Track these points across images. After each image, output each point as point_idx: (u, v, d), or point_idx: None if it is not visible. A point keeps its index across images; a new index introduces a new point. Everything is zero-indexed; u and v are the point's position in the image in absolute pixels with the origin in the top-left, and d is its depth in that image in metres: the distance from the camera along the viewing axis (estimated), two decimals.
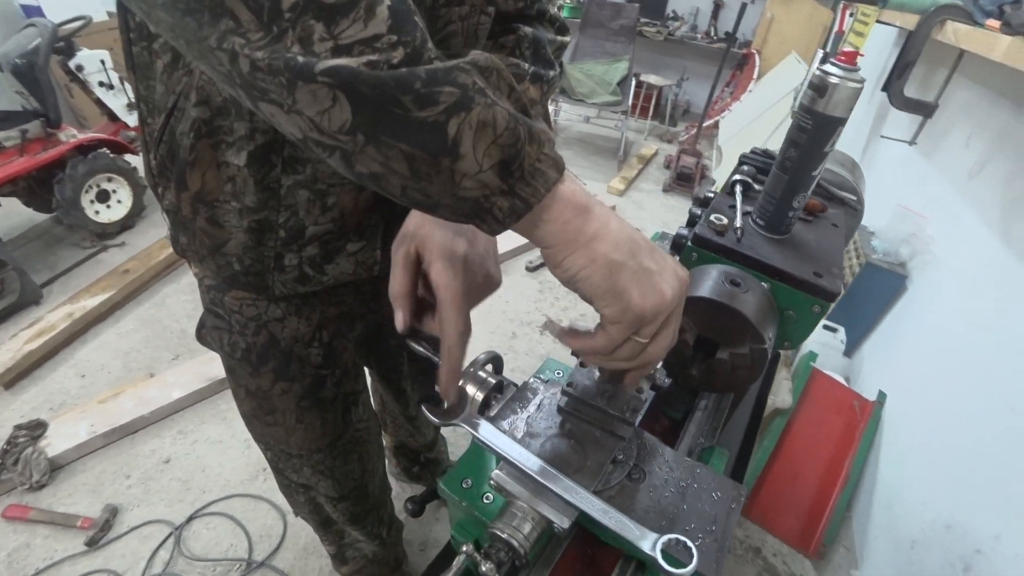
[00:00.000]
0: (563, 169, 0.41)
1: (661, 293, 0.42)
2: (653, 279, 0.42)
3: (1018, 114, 1.53)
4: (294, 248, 0.64)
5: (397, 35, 0.34)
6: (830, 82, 0.59)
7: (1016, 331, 1.32)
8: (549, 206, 0.40)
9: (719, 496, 0.53)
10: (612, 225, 0.42)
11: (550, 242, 0.41)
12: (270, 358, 0.77)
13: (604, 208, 0.43)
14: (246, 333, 0.74)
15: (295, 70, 0.33)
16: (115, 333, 2.18)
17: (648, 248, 0.43)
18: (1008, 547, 1.13)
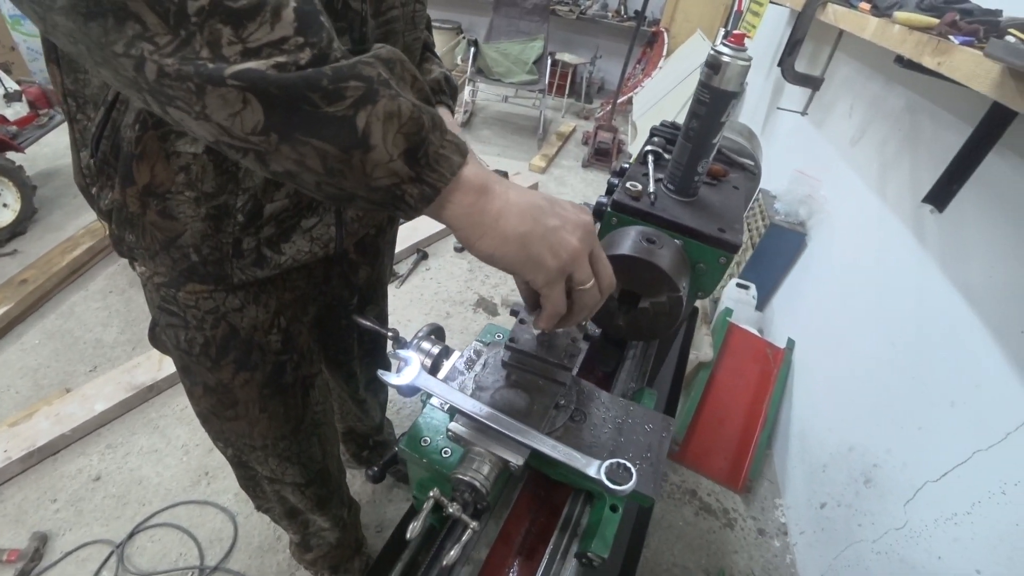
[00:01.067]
0: (466, 152, 0.44)
1: (569, 244, 0.46)
2: (559, 235, 0.46)
3: (887, 86, 1.73)
4: (251, 231, 0.64)
5: (304, 37, 0.35)
6: (723, 61, 0.67)
7: (892, 274, 1.53)
8: (455, 189, 0.43)
9: (651, 428, 0.60)
10: (513, 198, 0.45)
11: (460, 224, 0.44)
12: (231, 349, 0.76)
13: (503, 183, 0.46)
14: (204, 327, 0.74)
15: (204, 75, 0.34)
16: (18, 350, 1.99)
17: (548, 206, 0.47)
18: (897, 458, 1.32)
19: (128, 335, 2.08)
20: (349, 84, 0.36)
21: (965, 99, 1.32)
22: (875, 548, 1.32)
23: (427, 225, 2.82)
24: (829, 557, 1.47)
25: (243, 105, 0.35)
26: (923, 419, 1.27)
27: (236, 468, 1.01)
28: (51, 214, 2.68)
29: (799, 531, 1.66)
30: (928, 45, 1.11)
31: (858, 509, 1.41)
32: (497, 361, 0.58)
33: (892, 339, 1.45)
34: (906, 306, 1.43)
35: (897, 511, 1.27)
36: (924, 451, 1.24)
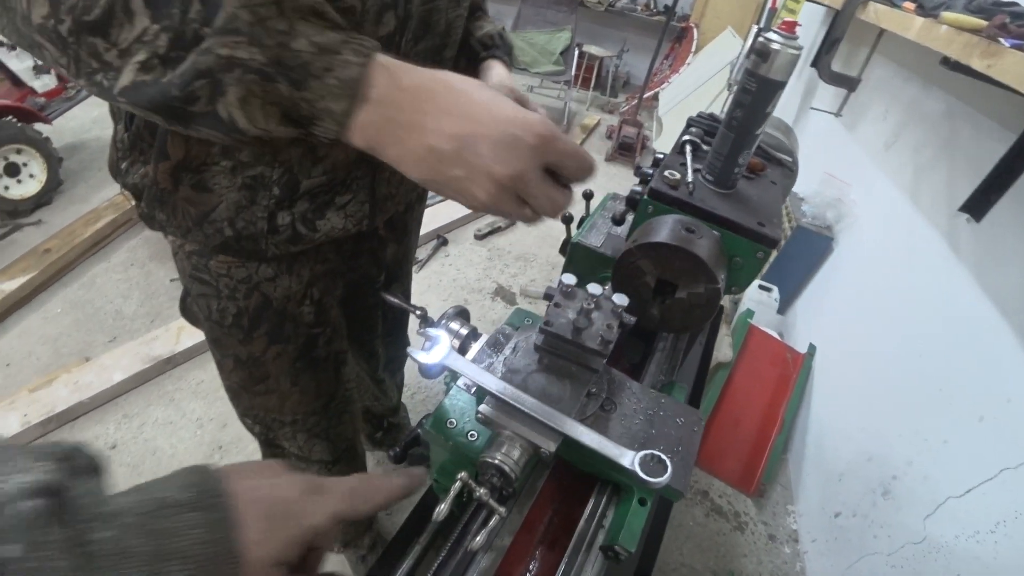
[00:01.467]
0: (355, 93, 0.39)
1: (475, 198, 0.43)
2: (463, 185, 0.43)
3: (926, 90, 1.68)
4: (286, 205, 0.63)
5: (158, 23, 0.36)
6: (772, 48, 0.65)
7: (921, 282, 1.49)
8: (349, 134, 0.41)
9: (682, 421, 0.59)
10: (410, 144, 0.41)
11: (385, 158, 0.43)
12: (263, 320, 0.75)
13: (400, 130, 0.41)
14: (236, 297, 0.73)
15: (105, 93, 0.39)
16: (40, 318, 2.02)
17: (453, 151, 0.41)
18: (919, 470, 1.29)
19: (147, 308, 2.11)
20: (194, 85, 0.37)
21: (1010, 105, 1.27)
22: (890, 561, 1.29)
23: (448, 211, 2.81)
24: (841, 567, 1.45)
25: (142, 111, 0.39)
26: (949, 432, 1.23)
27: (263, 447, 1.01)
28: (76, 186, 2.71)
29: (811, 539, 1.63)
30: (977, 47, 1.07)
31: (874, 520, 1.38)
32: (529, 345, 0.57)
33: (919, 349, 1.41)
34: (935, 316, 1.39)
35: (916, 525, 1.24)
36: (948, 465, 1.21)
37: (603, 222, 0.97)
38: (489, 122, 0.41)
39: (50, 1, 0.36)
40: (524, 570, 0.53)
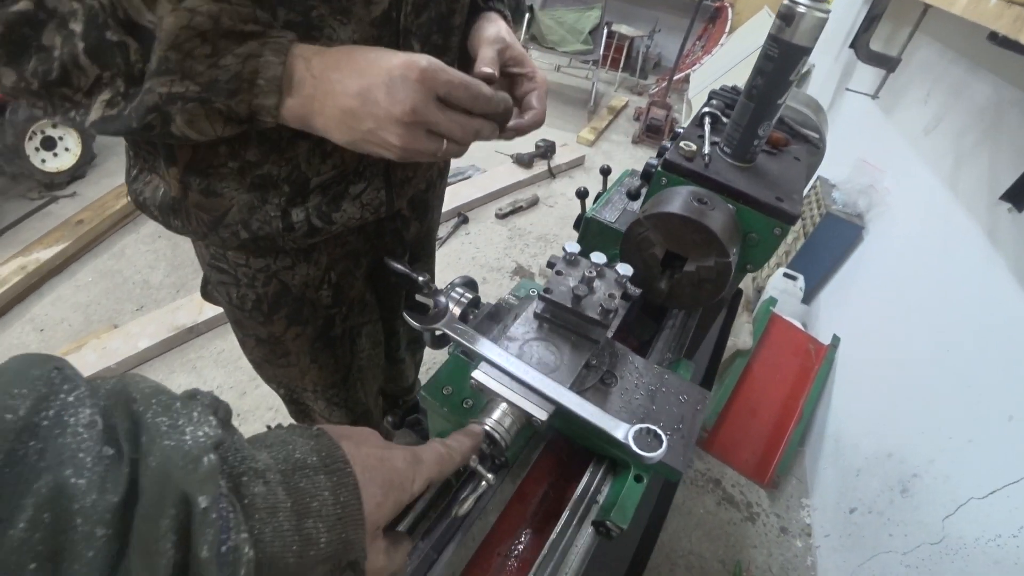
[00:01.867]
0: (277, 89, 0.45)
1: (389, 142, 0.48)
2: (379, 136, 0.48)
3: (972, 72, 1.59)
4: (298, 201, 0.64)
5: (108, 70, 0.42)
6: (797, 11, 0.61)
7: (955, 274, 1.42)
8: (285, 119, 0.48)
9: (685, 399, 0.57)
10: (329, 111, 0.47)
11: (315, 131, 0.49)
12: (282, 305, 0.77)
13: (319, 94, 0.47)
14: (255, 285, 0.74)
15: (79, 126, 0.48)
16: (72, 286, 2.09)
17: (360, 106, 0.47)
18: (940, 469, 1.24)
19: (173, 278, 2.16)
20: (147, 118, 0.43)
21: None
22: (905, 560, 1.25)
23: (469, 190, 2.80)
24: (853, 564, 1.41)
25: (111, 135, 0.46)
26: (975, 431, 1.18)
27: (289, 404, 1.04)
28: (108, 160, 2.78)
29: (824, 534, 1.60)
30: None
31: (891, 518, 1.34)
32: (529, 315, 0.55)
33: (948, 343, 1.35)
34: (968, 309, 1.32)
35: (934, 525, 1.20)
36: (972, 465, 1.16)
37: (619, 198, 0.94)
38: (379, 72, 0.46)
39: (15, 71, 0.42)
40: (515, 540, 0.52)
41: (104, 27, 0.40)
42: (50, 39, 0.40)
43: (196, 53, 0.42)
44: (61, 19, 0.40)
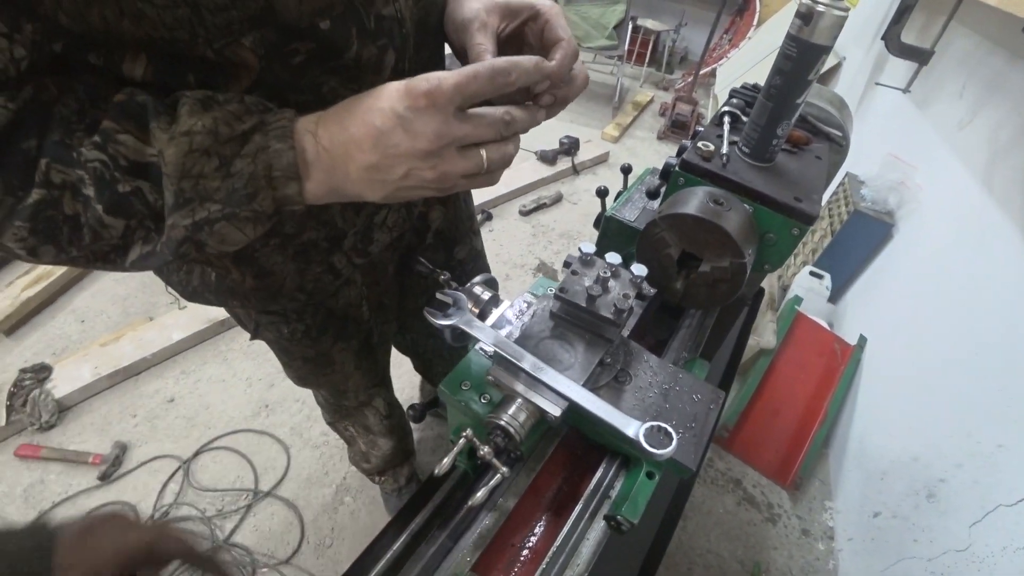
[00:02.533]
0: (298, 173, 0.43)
1: (428, 180, 0.44)
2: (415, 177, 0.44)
3: (1011, 63, 1.53)
4: (336, 250, 0.68)
5: (131, 219, 0.42)
6: (816, 10, 0.61)
7: (988, 273, 1.38)
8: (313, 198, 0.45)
9: (699, 398, 0.57)
10: (355, 176, 0.44)
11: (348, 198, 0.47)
12: (329, 327, 0.83)
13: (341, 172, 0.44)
14: (304, 318, 0.79)
15: (118, 268, 0.45)
16: (112, 280, 2.19)
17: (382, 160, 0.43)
18: (968, 474, 1.22)
19: None
20: (180, 249, 0.43)
21: None
22: (930, 567, 1.23)
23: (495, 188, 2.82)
24: (877, 569, 1.39)
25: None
26: (1005, 436, 1.15)
27: (328, 407, 1.15)
28: None
29: (847, 537, 1.57)
30: None
31: (916, 523, 1.32)
32: (545, 313, 0.57)
33: (980, 345, 1.32)
34: (1002, 311, 1.29)
35: (960, 531, 1.17)
36: (1002, 471, 1.13)
37: (639, 196, 0.95)
38: (385, 115, 0.41)
39: (54, 246, 0.42)
40: (528, 532, 0.54)
41: (114, 182, 0.39)
42: (72, 208, 0.40)
43: (207, 171, 0.40)
44: (73, 188, 0.39)
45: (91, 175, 0.39)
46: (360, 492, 1.58)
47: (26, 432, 1.66)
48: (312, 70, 0.49)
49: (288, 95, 0.48)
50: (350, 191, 0.45)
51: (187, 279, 0.68)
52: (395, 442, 1.29)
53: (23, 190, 0.38)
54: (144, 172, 0.41)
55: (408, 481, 1.48)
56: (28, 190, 0.39)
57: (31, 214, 0.39)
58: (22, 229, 0.39)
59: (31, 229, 0.39)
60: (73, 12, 0.37)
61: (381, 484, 1.48)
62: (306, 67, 0.48)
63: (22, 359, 1.85)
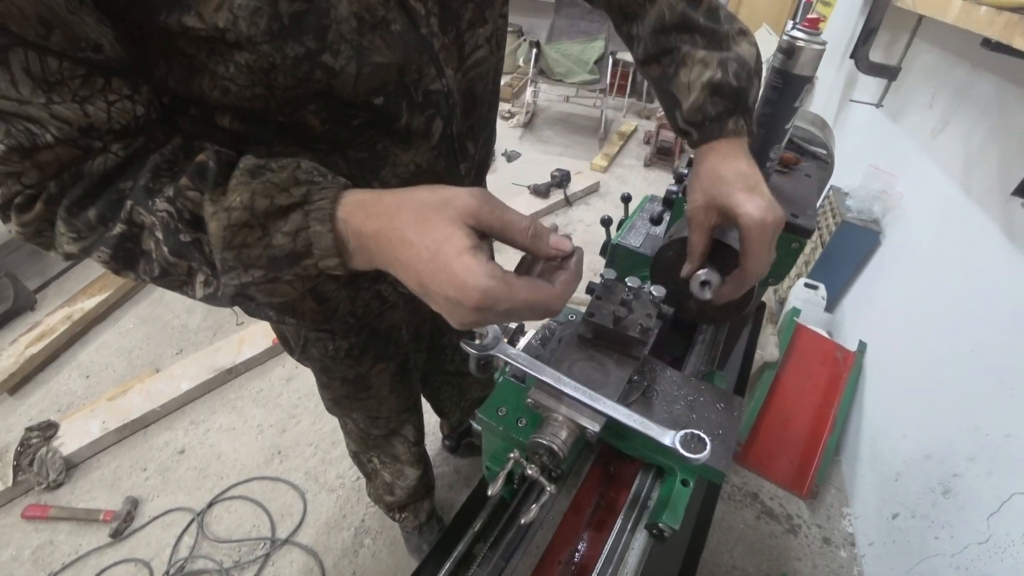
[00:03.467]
0: (337, 251, 0.42)
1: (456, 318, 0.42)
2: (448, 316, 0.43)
3: (974, 73, 1.63)
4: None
5: (190, 261, 0.45)
6: (797, 45, 0.67)
7: (977, 270, 1.43)
8: (358, 268, 0.44)
9: (722, 407, 0.61)
10: (400, 275, 0.43)
11: None
12: (371, 347, 0.88)
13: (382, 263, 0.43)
14: (349, 336, 0.84)
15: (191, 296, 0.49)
16: (115, 333, 2.20)
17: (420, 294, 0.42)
18: (981, 467, 1.24)
19: (210, 322, 2.25)
20: (234, 302, 0.49)
21: None
22: (953, 563, 1.24)
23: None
24: (901, 571, 1.40)
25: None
26: (1012, 426, 1.18)
27: (356, 437, 1.16)
28: None
29: (868, 542, 1.58)
30: (1019, 25, 1.04)
31: (935, 521, 1.33)
32: (573, 337, 0.60)
33: (977, 340, 1.36)
34: (993, 304, 1.34)
35: (979, 524, 1.19)
36: (1013, 460, 1.16)
37: (642, 223, 1.00)
38: (435, 283, 0.40)
39: (132, 272, 0.47)
40: (574, 547, 0.56)
41: (176, 232, 0.43)
42: (147, 244, 0.45)
43: (249, 241, 0.42)
44: (149, 229, 0.44)
45: (160, 223, 0.43)
46: (380, 534, 1.57)
47: (33, 492, 1.64)
48: (368, 131, 0.55)
49: (347, 150, 0.55)
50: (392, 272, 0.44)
51: None
52: (421, 471, 1.31)
53: (112, 222, 0.44)
54: (204, 227, 0.44)
55: (428, 518, 1.48)
56: (115, 223, 0.43)
57: (114, 244, 0.44)
58: (105, 254, 0.45)
59: (112, 255, 0.45)
60: (179, 79, 0.46)
61: (401, 522, 1.47)
62: (363, 129, 0.55)
63: (27, 417, 1.84)
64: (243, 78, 0.46)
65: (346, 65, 0.48)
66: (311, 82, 0.48)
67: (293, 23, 0.44)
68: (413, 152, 0.60)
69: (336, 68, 0.48)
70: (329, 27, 0.46)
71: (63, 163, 0.42)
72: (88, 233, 0.44)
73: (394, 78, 0.52)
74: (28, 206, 0.43)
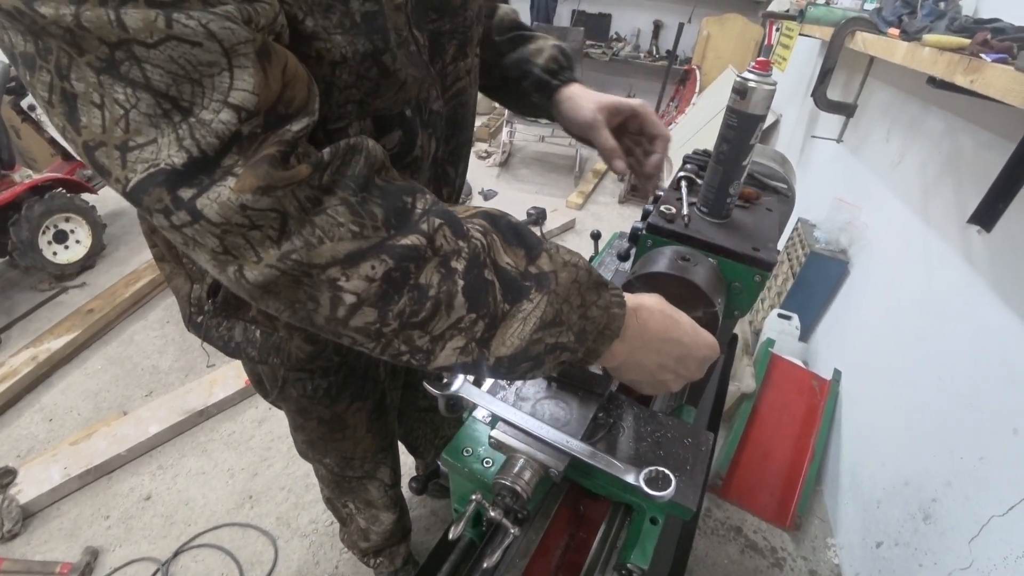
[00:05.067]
0: (615, 337, 0.48)
1: (669, 388, 0.56)
2: (667, 384, 0.55)
3: (925, 109, 1.72)
4: None
5: (475, 312, 0.41)
6: (749, 86, 0.70)
7: (941, 297, 1.48)
8: (602, 362, 0.51)
9: (690, 442, 0.60)
10: (647, 365, 0.53)
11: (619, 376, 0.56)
12: (348, 386, 0.86)
13: (640, 355, 0.52)
14: (328, 374, 0.82)
15: (414, 366, 0.44)
16: (82, 374, 2.12)
17: (671, 368, 0.54)
18: (958, 491, 1.25)
19: (182, 362, 2.19)
20: (521, 366, 0.44)
21: (1004, 116, 1.30)
22: None
23: None
24: None
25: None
26: (984, 448, 1.20)
27: (331, 481, 1.12)
28: (118, 249, 2.89)
29: (854, 573, 1.56)
30: (959, 64, 1.11)
31: (918, 548, 1.33)
32: None
33: (945, 365, 1.39)
34: (958, 330, 1.37)
35: (961, 549, 1.19)
36: (987, 483, 1.17)
37: (611, 259, 1.01)
38: (695, 346, 0.54)
39: (378, 310, 0.38)
40: None
41: (484, 265, 0.41)
42: (428, 278, 0.39)
43: (574, 305, 0.45)
44: (444, 258, 0.39)
45: (470, 251, 0.40)
46: None
47: None
48: (394, 166, 0.57)
49: None
50: (629, 375, 0.54)
51: (228, 335, 0.71)
52: (397, 515, 1.27)
53: (397, 230, 0.38)
54: (504, 276, 0.42)
55: (404, 563, 1.43)
56: (409, 232, 0.38)
57: (401, 254, 0.37)
58: (380, 267, 0.37)
59: (387, 273, 0.37)
60: None
61: (376, 568, 1.42)
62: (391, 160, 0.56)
63: None
64: (318, 69, 0.44)
65: (398, 70, 0.50)
66: (367, 80, 0.48)
67: (365, 21, 0.45)
68: (418, 178, 0.63)
69: (391, 70, 0.49)
70: (390, 31, 0.47)
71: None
72: (372, 233, 0.37)
73: (415, 93, 0.55)
74: (284, 161, 0.34)
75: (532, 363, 0.44)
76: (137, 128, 0.32)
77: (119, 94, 0.31)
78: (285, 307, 0.38)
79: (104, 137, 0.32)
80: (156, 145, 0.32)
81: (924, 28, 1.36)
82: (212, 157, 0.33)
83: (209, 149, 0.32)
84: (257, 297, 0.37)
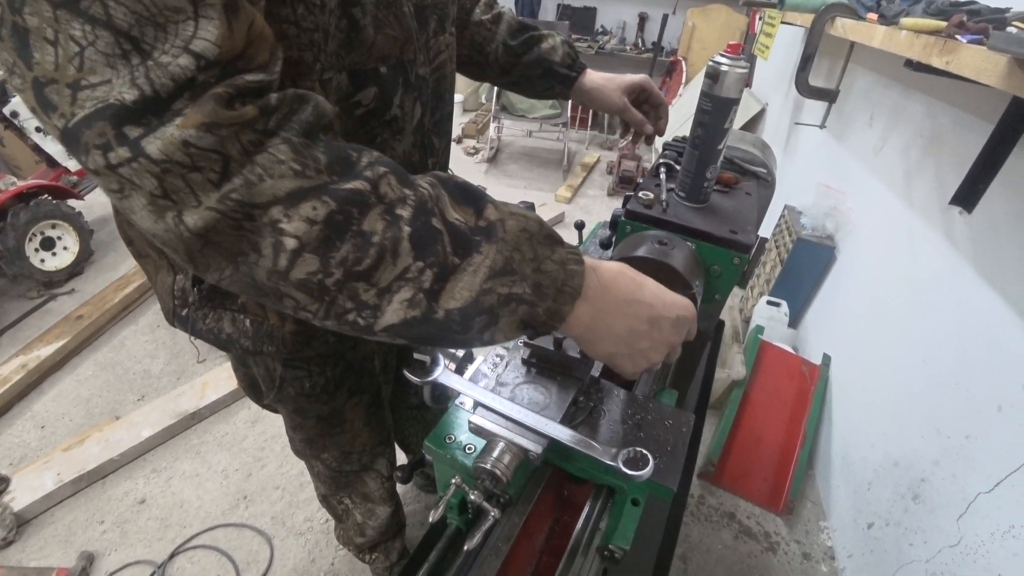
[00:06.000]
0: (577, 297, 0.47)
1: (651, 360, 0.54)
2: (646, 354, 0.53)
3: (906, 93, 1.73)
4: None
5: (422, 260, 0.39)
6: (721, 70, 0.71)
7: (926, 279, 1.49)
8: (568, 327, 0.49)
9: (671, 424, 0.61)
10: (616, 329, 0.50)
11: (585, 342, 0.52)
12: (345, 381, 0.86)
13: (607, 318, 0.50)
14: (325, 371, 0.83)
15: (362, 332, 0.41)
16: (73, 380, 2.11)
17: (645, 332, 0.52)
18: (946, 470, 1.26)
19: (173, 366, 2.19)
20: (475, 320, 0.42)
21: (983, 97, 1.31)
22: (929, 568, 1.25)
23: None
24: None
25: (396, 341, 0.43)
26: (970, 427, 1.21)
27: (327, 477, 1.11)
28: (106, 255, 2.87)
29: (847, 554, 1.58)
30: (935, 46, 1.12)
31: (908, 527, 1.35)
32: (517, 362, 0.61)
33: (931, 346, 1.41)
34: (943, 311, 1.39)
35: (950, 527, 1.21)
36: (974, 461, 1.19)
37: (594, 248, 1.02)
38: (666, 307, 0.52)
39: (320, 257, 0.37)
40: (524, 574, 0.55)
41: (431, 214, 0.40)
42: (372, 224, 0.38)
43: (526, 257, 0.43)
44: (389, 205, 0.38)
45: (417, 198, 0.39)
46: None
47: None
48: (370, 122, 0.59)
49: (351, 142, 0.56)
50: (598, 332, 0.50)
51: (217, 327, 0.70)
52: (392, 508, 1.27)
53: (346, 175, 0.37)
54: (452, 229, 0.41)
55: (400, 557, 1.43)
56: (352, 177, 0.37)
57: (345, 198, 0.36)
58: (322, 208, 0.36)
59: (329, 216, 0.36)
60: None
61: (372, 564, 1.42)
62: (365, 119, 0.59)
63: None
64: (308, 20, 0.48)
65: (367, 26, 0.54)
66: (339, 32, 0.52)
67: None
68: (400, 141, 0.66)
69: (360, 24, 0.53)
70: None
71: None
72: (315, 175, 0.36)
73: (397, 53, 0.59)
74: (230, 103, 0.34)
75: (487, 317, 0.42)
76: (92, 67, 0.31)
77: (76, 31, 0.31)
78: (227, 262, 0.37)
79: (56, 74, 0.31)
80: (110, 85, 0.31)
81: (901, 12, 1.37)
82: (164, 98, 0.32)
83: (163, 90, 0.32)
84: (196, 251, 0.36)
